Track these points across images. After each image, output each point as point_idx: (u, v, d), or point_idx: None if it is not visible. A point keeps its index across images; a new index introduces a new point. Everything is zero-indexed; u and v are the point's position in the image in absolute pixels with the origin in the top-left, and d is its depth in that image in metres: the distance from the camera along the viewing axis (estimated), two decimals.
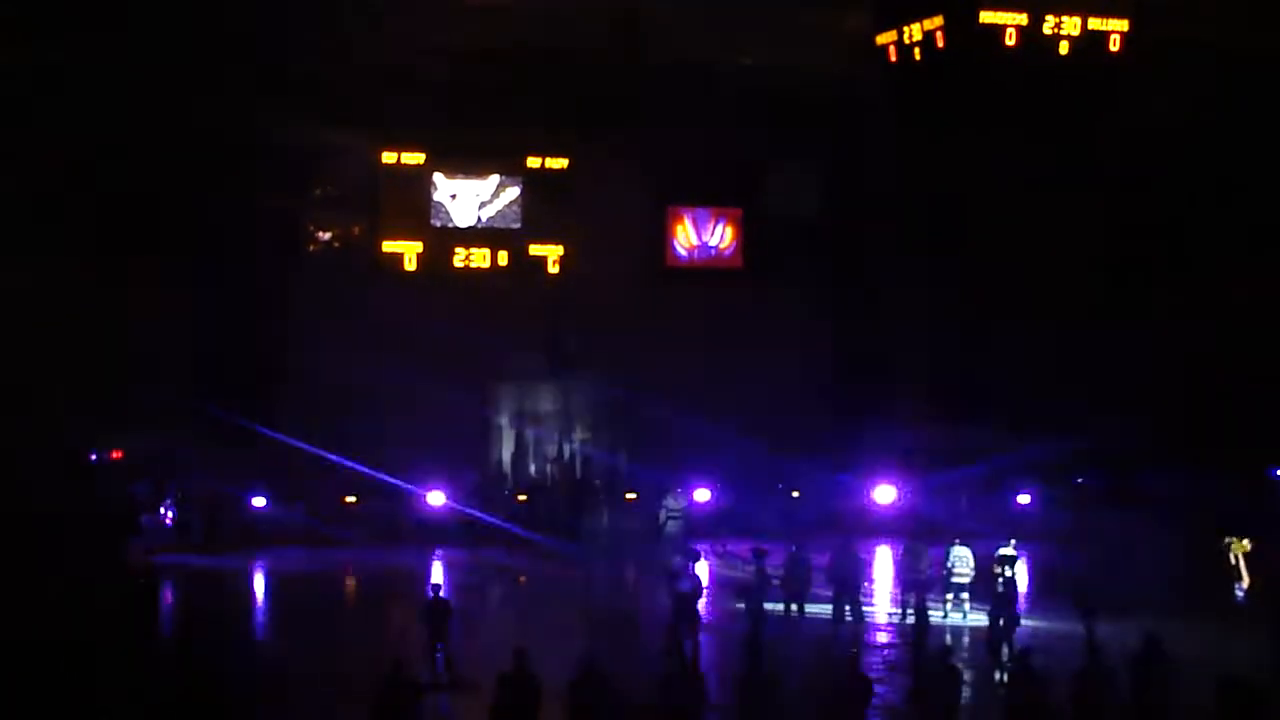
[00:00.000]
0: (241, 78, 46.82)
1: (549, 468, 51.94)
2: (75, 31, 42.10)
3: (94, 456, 45.39)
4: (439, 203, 52.19)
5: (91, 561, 35.34)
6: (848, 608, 34.26)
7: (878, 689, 26.64)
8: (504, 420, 52.50)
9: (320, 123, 48.50)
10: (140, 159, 47.62)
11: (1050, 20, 35.12)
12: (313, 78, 47.49)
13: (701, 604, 30.91)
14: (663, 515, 47.77)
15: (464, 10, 42.87)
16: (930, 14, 36.44)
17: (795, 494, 49.55)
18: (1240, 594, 34.76)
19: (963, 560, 34.81)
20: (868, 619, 34.61)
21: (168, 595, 34.06)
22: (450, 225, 52.25)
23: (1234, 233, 51.22)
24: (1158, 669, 23.15)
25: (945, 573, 34.88)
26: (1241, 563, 34.94)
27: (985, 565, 34.37)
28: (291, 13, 42.67)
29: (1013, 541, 34.46)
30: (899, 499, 49.38)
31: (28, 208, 45.79)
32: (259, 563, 42.52)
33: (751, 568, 33.21)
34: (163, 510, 44.83)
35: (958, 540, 35.31)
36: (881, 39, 37.80)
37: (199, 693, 24.90)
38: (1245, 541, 35.14)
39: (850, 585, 34.61)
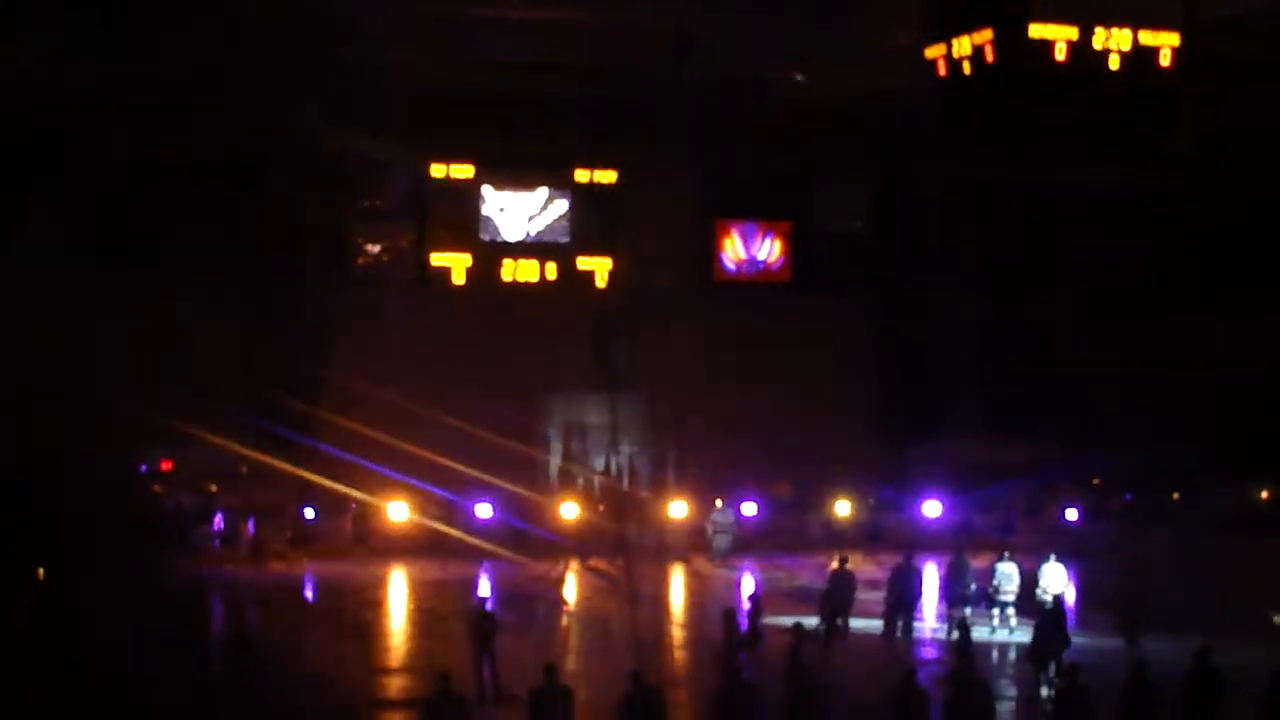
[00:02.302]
0: (291, 91, 47.01)
1: (596, 480, 51.94)
2: (122, 37, 42.30)
3: (144, 468, 45.64)
4: (487, 216, 52.32)
5: (138, 571, 35.53)
6: (900, 623, 34.09)
7: None
8: (551, 433, 52.54)
9: (369, 136, 48.70)
10: (188, 171, 47.87)
11: (1100, 34, 34.91)
12: (362, 91, 47.66)
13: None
14: (710, 529, 47.78)
15: (513, 25, 42.99)
16: (979, 27, 36.29)
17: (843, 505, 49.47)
18: None
19: (1008, 577, 34.60)
20: (918, 635, 34.47)
21: (215, 607, 34.13)
22: (499, 239, 52.38)
23: None
24: (1208, 683, 23.03)
25: (992, 589, 34.68)
26: None
27: (1030, 581, 34.27)
28: (341, 26, 42.86)
29: (1053, 556, 34.32)
30: (946, 513, 49.28)
31: (69, 220, 46.04)
32: (307, 575, 42.65)
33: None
34: (212, 522, 44.98)
35: (1006, 555, 35.11)
36: (930, 53, 37.67)
37: (246, 705, 25.05)
38: None
39: (907, 602, 34.43)
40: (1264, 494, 50.74)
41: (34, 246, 44.39)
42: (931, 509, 49.47)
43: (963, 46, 37.65)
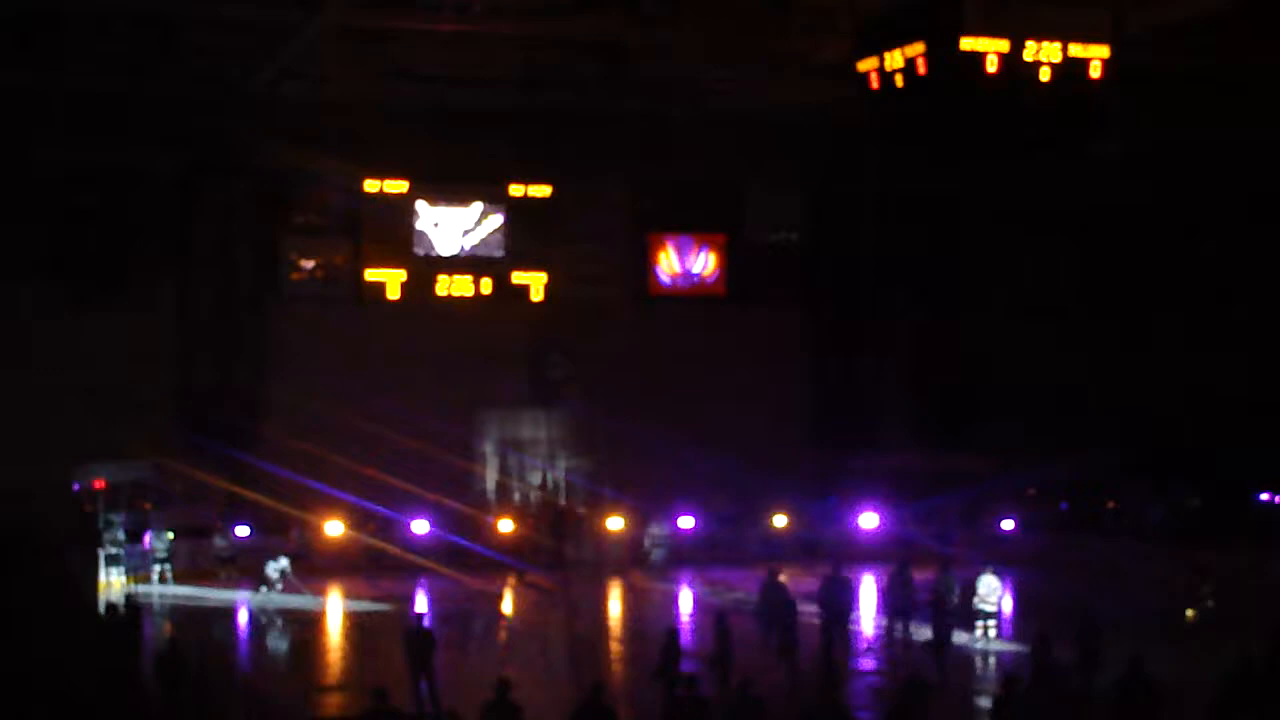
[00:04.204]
0: (223, 105, 46.81)
1: (533, 495, 51.86)
2: (50, 53, 42.06)
3: (76, 486, 45.27)
4: (422, 231, 52.20)
5: (69, 591, 35.27)
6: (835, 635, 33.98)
7: (862, 715, 26.70)
8: (488, 448, 52.40)
9: (303, 151, 48.51)
10: (119, 185, 47.66)
11: (1031, 47, 34.97)
12: (294, 106, 47.50)
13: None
14: (647, 542, 47.81)
15: (445, 38, 42.85)
16: (911, 41, 36.34)
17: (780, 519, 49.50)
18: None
19: (992, 589, 34.49)
20: (855, 646, 34.47)
21: (147, 627, 33.89)
22: (433, 254, 52.25)
23: (1222, 259, 51.44)
24: (1140, 692, 23.15)
25: (979, 600, 34.51)
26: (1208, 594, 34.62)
27: (967, 592, 34.38)
28: (272, 40, 42.65)
29: (990, 568, 34.41)
30: (883, 525, 49.42)
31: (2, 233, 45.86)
32: (242, 592, 42.38)
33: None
34: (145, 540, 44.63)
35: (990, 569, 34.99)
36: (863, 66, 37.62)
37: None
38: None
39: (840, 613, 34.31)
40: (1196, 501, 51.08)
41: None
42: (868, 520, 49.63)
43: (895, 60, 37.61)
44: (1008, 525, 50.01)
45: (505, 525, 48.02)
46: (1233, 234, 50.86)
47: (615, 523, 48.50)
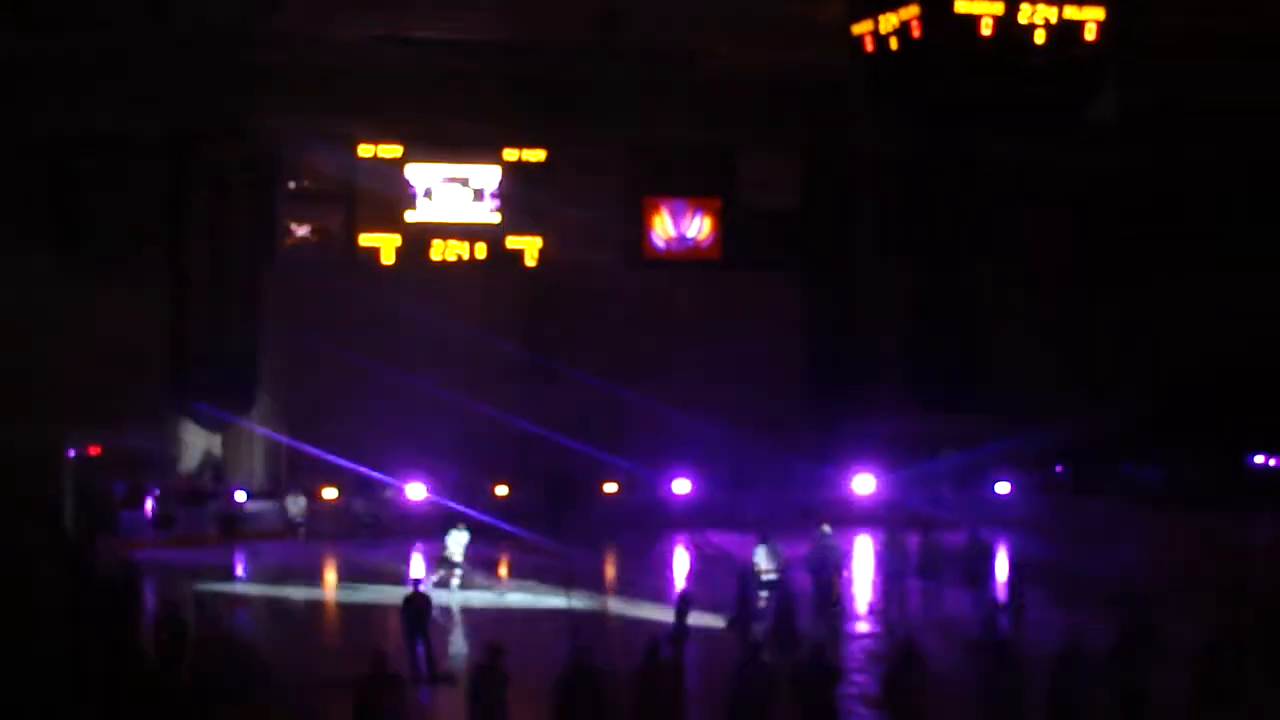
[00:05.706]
0: (216, 70, 46.68)
1: (529, 460, 51.78)
2: (42, 18, 42.00)
3: (72, 453, 45.33)
4: (416, 196, 52.09)
5: (68, 558, 35.34)
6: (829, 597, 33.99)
7: (857, 678, 26.79)
8: (483, 412, 52.32)
9: (297, 117, 48.42)
10: (114, 153, 47.52)
11: (1026, 9, 35.00)
12: (288, 70, 47.37)
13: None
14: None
15: (440, 2, 42.83)
16: (906, 3, 36.36)
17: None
18: None
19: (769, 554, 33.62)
20: (846, 609, 34.52)
21: (147, 591, 33.92)
22: (427, 219, 52.15)
23: (1214, 222, 51.46)
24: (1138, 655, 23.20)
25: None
26: None
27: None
28: (266, 4, 42.61)
29: (766, 539, 33.56)
30: (879, 489, 49.45)
31: None
32: (239, 558, 42.43)
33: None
34: (143, 506, 44.69)
35: (768, 541, 33.94)
36: (857, 29, 37.65)
37: (178, 691, 24.94)
38: None
39: (827, 575, 34.27)
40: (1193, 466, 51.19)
41: None
42: (864, 485, 49.66)
43: (889, 22, 37.63)
44: (1003, 488, 50.08)
45: (502, 490, 48.03)
46: (1234, 199, 50.85)
47: (611, 487, 48.59)
